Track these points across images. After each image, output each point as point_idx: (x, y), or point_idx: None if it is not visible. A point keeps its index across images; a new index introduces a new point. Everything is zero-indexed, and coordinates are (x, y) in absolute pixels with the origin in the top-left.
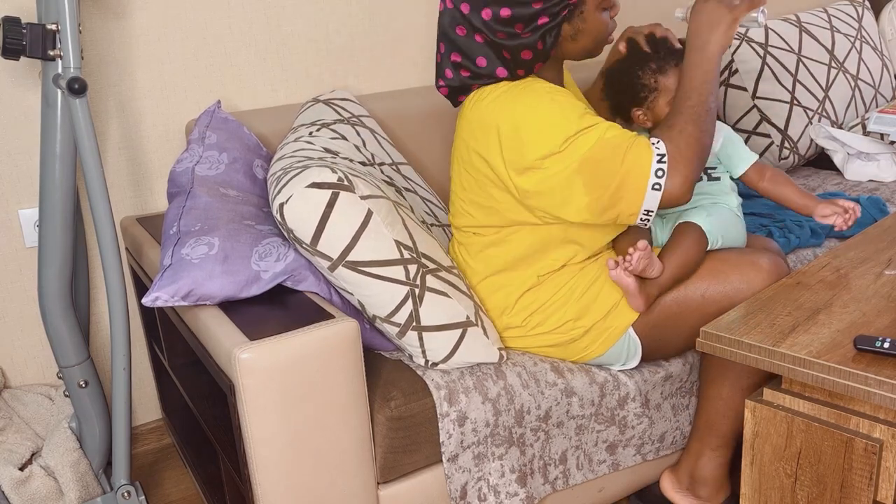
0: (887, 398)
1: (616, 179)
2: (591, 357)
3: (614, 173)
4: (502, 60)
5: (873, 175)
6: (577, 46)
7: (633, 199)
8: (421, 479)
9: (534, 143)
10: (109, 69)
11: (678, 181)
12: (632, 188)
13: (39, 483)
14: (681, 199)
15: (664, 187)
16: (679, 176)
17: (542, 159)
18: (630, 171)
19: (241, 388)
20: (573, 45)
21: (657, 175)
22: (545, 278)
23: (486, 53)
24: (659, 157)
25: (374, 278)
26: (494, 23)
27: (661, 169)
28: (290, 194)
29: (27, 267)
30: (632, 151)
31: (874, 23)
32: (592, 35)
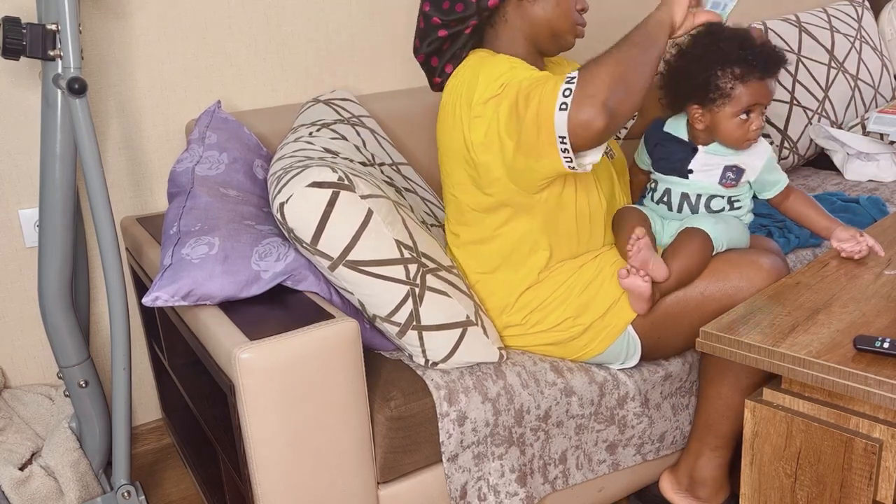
0: (887, 398)
1: (531, 110)
2: (591, 355)
3: (529, 104)
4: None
5: (873, 175)
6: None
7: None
8: (421, 478)
9: (479, 92)
10: (109, 69)
11: (590, 104)
12: (544, 114)
13: (39, 483)
14: (592, 122)
15: (569, 106)
16: (591, 101)
17: (484, 104)
18: (542, 98)
19: (241, 388)
20: (534, 7)
21: (564, 94)
22: (545, 275)
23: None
24: (568, 79)
25: (375, 278)
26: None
27: (568, 88)
28: (291, 193)
29: (27, 267)
30: (548, 81)
31: (874, 23)
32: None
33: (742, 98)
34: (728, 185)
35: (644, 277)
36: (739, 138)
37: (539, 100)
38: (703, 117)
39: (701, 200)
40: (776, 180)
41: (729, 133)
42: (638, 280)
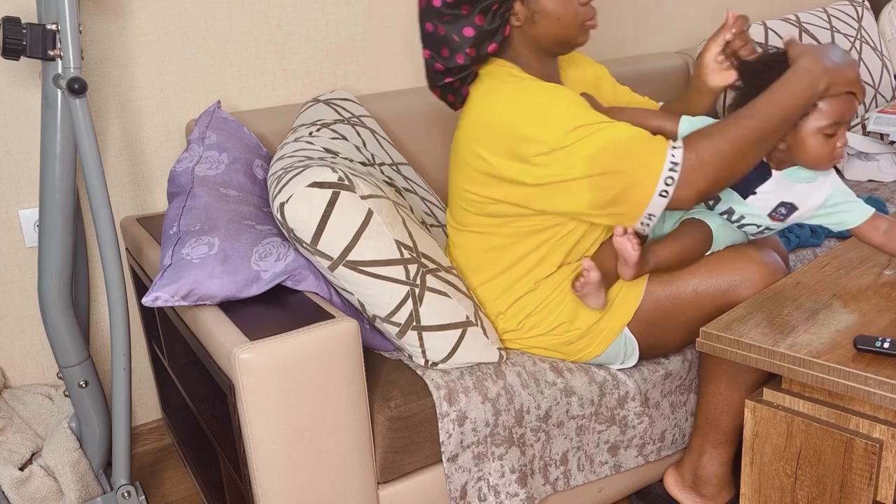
0: (887, 398)
1: (623, 181)
2: (589, 358)
3: (622, 174)
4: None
5: (873, 175)
6: (542, 31)
7: (638, 202)
8: (421, 479)
9: (539, 138)
10: (109, 69)
11: (687, 193)
12: (638, 192)
13: (39, 483)
14: (686, 206)
15: (671, 195)
16: (689, 189)
17: (544, 155)
18: (639, 175)
19: (241, 388)
20: (536, 29)
21: (666, 183)
22: (541, 283)
23: (447, 43)
24: (672, 164)
25: (375, 278)
26: (444, 7)
27: (671, 177)
28: (291, 193)
29: (27, 267)
30: (645, 155)
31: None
32: (553, 17)
33: (828, 112)
34: (776, 218)
35: (634, 247)
36: (825, 157)
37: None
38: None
39: (742, 220)
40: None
41: (814, 151)
42: (628, 245)
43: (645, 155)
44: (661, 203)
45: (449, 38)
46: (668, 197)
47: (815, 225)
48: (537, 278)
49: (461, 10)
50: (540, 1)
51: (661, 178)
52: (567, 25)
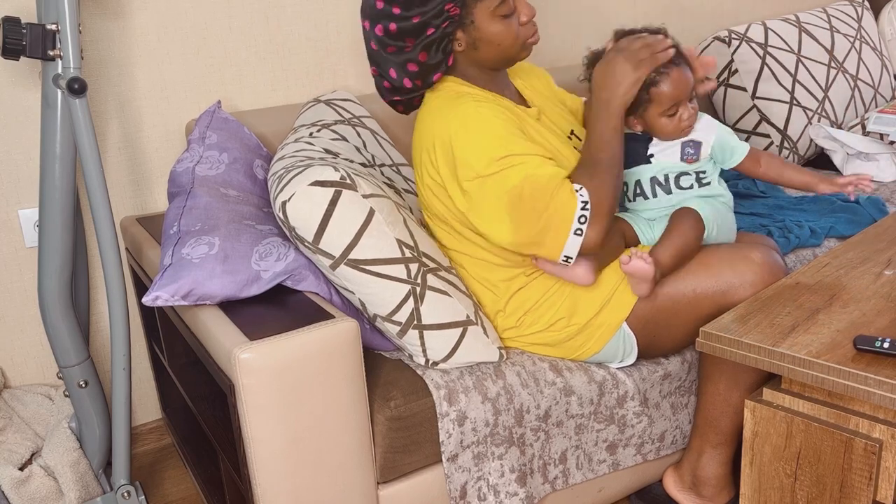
0: (887, 398)
1: (542, 221)
2: (588, 355)
3: (540, 214)
4: (403, 72)
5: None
6: (484, 55)
7: (555, 243)
8: (421, 478)
9: (464, 163)
10: (109, 69)
11: (597, 230)
12: (555, 231)
13: (39, 483)
14: (595, 249)
15: (584, 234)
16: (598, 226)
17: (470, 181)
18: (555, 214)
19: (241, 388)
20: (479, 54)
21: (580, 221)
22: (533, 276)
23: (394, 66)
24: (583, 203)
25: (376, 277)
26: (386, 37)
27: (584, 216)
28: (293, 192)
29: (27, 267)
30: (558, 194)
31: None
32: (494, 43)
33: (662, 94)
34: (690, 160)
35: (647, 260)
36: (675, 131)
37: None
38: (638, 125)
39: (670, 179)
40: (735, 146)
41: (664, 129)
42: (641, 263)
43: (558, 194)
44: (576, 242)
45: (395, 64)
46: (582, 235)
47: (815, 225)
48: (526, 271)
49: (404, 43)
50: (480, 28)
51: (576, 216)
52: (509, 48)
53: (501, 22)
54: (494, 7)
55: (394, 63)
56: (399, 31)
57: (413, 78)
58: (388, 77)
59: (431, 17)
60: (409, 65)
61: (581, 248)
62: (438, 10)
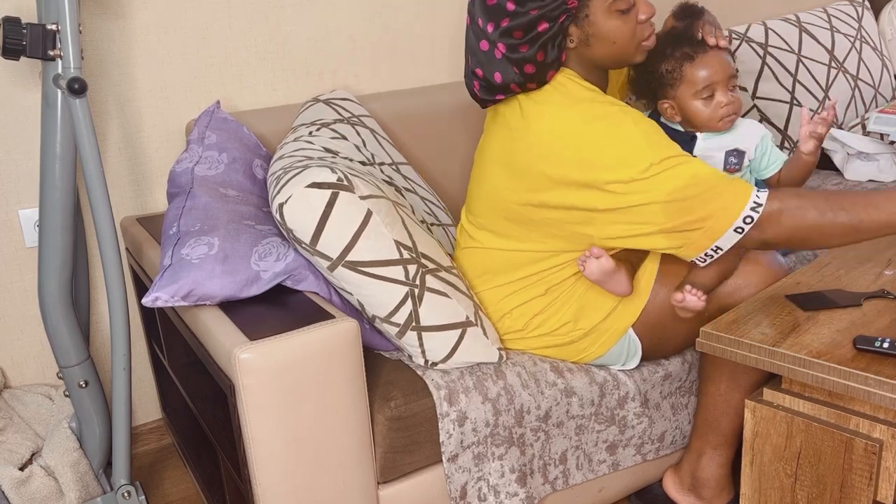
0: (887, 398)
1: (702, 211)
2: (591, 358)
3: (703, 205)
4: (513, 75)
5: (873, 175)
6: (597, 53)
7: (711, 232)
8: (421, 479)
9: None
10: (109, 69)
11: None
12: (715, 223)
13: (39, 483)
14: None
15: (745, 233)
16: (761, 233)
17: (624, 184)
18: (719, 207)
19: (241, 388)
20: (591, 51)
21: (745, 221)
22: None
23: (501, 68)
24: (755, 204)
25: (374, 278)
26: (496, 33)
27: (750, 217)
28: (290, 194)
29: (27, 267)
30: (729, 190)
31: (874, 23)
32: (609, 40)
33: (694, 76)
34: (731, 169)
35: (700, 297)
36: (711, 118)
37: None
38: (672, 109)
39: None
40: (775, 157)
41: (698, 115)
42: (695, 300)
43: (729, 190)
44: (733, 238)
45: (505, 68)
46: (743, 234)
47: None
48: (550, 284)
49: (520, 49)
50: (595, 24)
51: (742, 214)
52: (623, 47)
53: (619, 18)
54: (612, 1)
55: (503, 65)
56: (510, 26)
57: (527, 80)
58: (491, 78)
59: (549, 11)
60: (526, 66)
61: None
62: (558, 2)
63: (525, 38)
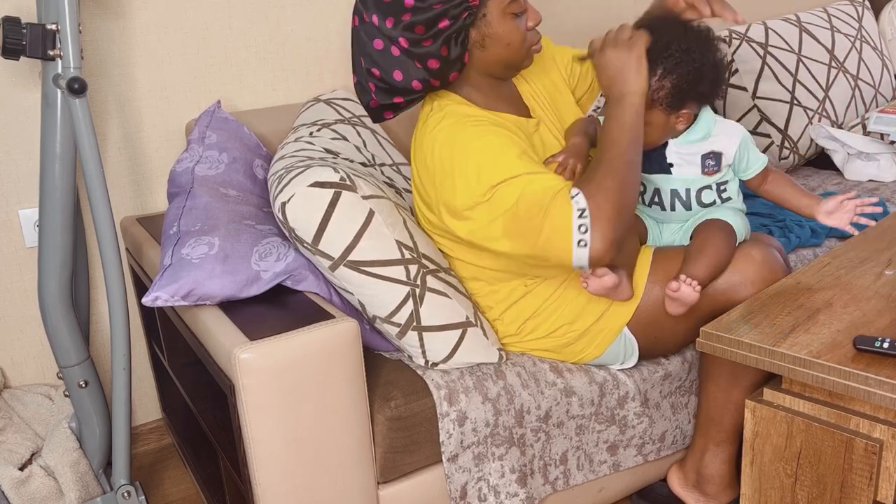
0: (887, 398)
1: (542, 237)
2: (589, 359)
3: (538, 230)
4: (415, 72)
5: (873, 175)
6: (491, 56)
7: (558, 258)
8: (421, 479)
9: (463, 190)
10: (109, 69)
11: (601, 237)
12: (555, 246)
13: (39, 483)
14: (603, 258)
15: (588, 244)
16: (600, 232)
17: (470, 209)
18: (552, 228)
19: (241, 388)
20: (485, 53)
21: (580, 231)
22: (532, 286)
23: (400, 65)
24: (579, 211)
25: (375, 278)
26: (396, 29)
27: (583, 224)
28: (293, 193)
29: (27, 267)
30: (553, 206)
31: (874, 23)
32: (503, 42)
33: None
34: (710, 172)
35: (696, 287)
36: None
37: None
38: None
39: (691, 194)
40: (755, 159)
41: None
42: (690, 291)
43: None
44: (582, 254)
45: (405, 63)
46: (587, 245)
47: (816, 224)
48: (528, 283)
49: (423, 43)
50: (491, 25)
51: (574, 226)
52: (515, 50)
53: (512, 20)
54: (508, 3)
55: (403, 62)
56: (413, 21)
57: (431, 76)
58: (390, 80)
59: (452, 7)
60: (429, 60)
61: (589, 258)
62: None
63: (428, 34)
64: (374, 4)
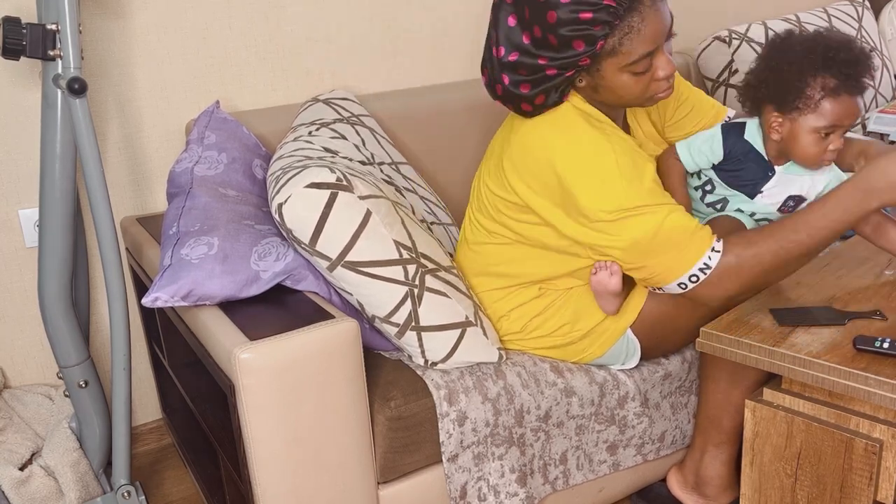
0: (887, 398)
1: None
2: (590, 359)
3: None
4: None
5: None
6: (604, 98)
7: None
8: (421, 479)
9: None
10: (109, 69)
11: (713, 293)
12: (661, 275)
13: (39, 483)
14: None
15: (689, 290)
16: (717, 290)
17: (592, 221)
18: (669, 264)
19: (241, 388)
20: (598, 95)
21: (690, 280)
22: (545, 290)
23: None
24: (704, 265)
25: (373, 278)
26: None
27: (696, 276)
28: (289, 194)
29: (27, 267)
30: (685, 248)
31: (874, 23)
32: (615, 93)
33: (827, 113)
34: (785, 211)
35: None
36: (814, 157)
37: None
38: (780, 126)
39: (754, 218)
40: None
41: (804, 149)
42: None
43: (685, 248)
44: (675, 290)
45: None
46: (686, 290)
47: None
48: (544, 285)
49: (521, 87)
50: (605, 77)
51: (687, 274)
52: (631, 100)
53: (630, 77)
54: (626, 64)
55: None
56: (520, 65)
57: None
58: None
59: (559, 66)
60: (523, 104)
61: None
62: (571, 62)
63: (528, 78)
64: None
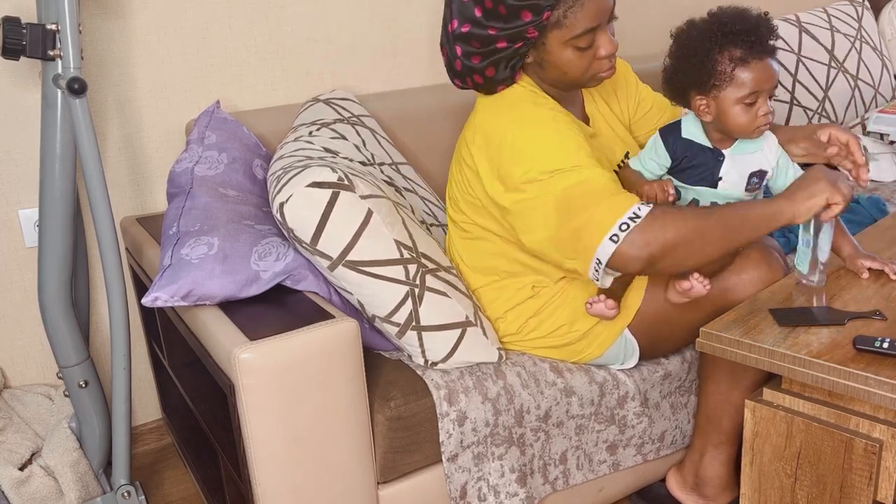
0: (887, 398)
1: (581, 219)
2: (589, 359)
3: (581, 212)
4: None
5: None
6: (550, 75)
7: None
8: (421, 479)
9: (524, 164)
10: (109, 69)
11: (636, 241)
12: (592, 231)
13: (39, 483)
14: (628, 266)
15: (620, 241)
16: (640, 237)
17: (526, 183)
18: (597, 215)
19: (241, 388)
20: (543, 72)
21: (620, 228)
22: (538, 289)
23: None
24: (633, 214)
25: (374, 278)
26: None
27: (626, 224)
28: (291, 193)
29: (27, 267)
30: (611, 200)
31: (874, 23)
32: (560, 69)
33: (744, 81)
34: (753, 189)
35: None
36: (748, 125)
37: (590, 216)
38: (708, 108)
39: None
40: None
41: (735, 119)
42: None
43: (612, 198)
44: (609, 248)
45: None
46: (618, 242)
47: None
48: (536, 284)
49: (473, 59)
50: (550, 52)
51: (618, 222)
52: (575, 77)
53: (574, 52)
54: (569, 38)
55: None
56: (473, 36)
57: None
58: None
59: (507, 36)
60: (475, 76)
61: (612, 256)
62: (518, 32)
63: (480, 50)
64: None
